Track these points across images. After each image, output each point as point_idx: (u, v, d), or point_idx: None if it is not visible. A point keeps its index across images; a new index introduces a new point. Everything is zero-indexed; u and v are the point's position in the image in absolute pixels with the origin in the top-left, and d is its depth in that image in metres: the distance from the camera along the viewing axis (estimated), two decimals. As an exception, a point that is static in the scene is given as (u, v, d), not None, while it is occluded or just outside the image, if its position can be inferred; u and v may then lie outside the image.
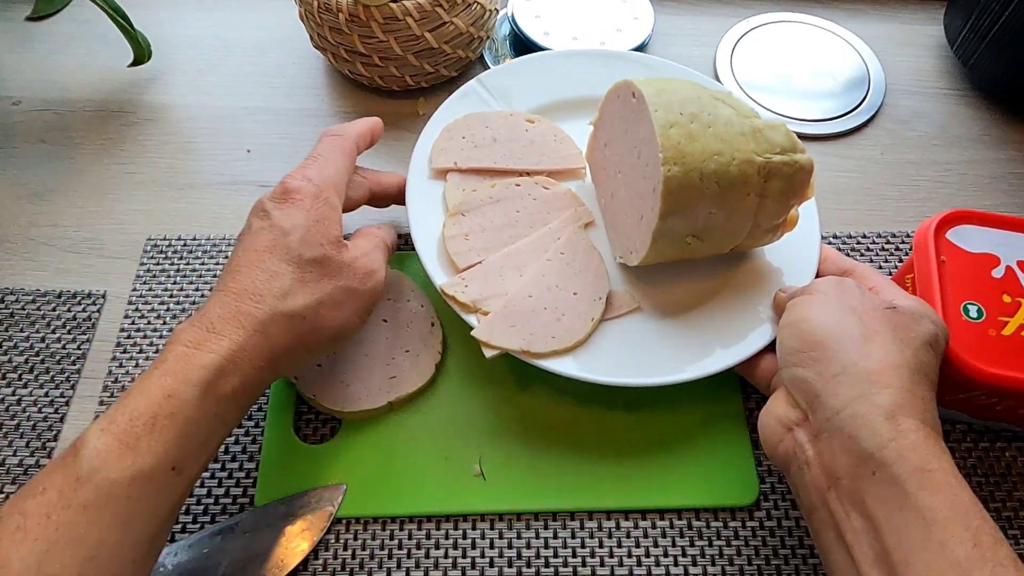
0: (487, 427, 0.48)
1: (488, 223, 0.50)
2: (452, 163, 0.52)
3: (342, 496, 0.45)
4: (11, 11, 0.70)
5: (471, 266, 0.48)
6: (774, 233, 0.48)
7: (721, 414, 0.49)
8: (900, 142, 0.64)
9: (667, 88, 0.44)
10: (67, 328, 0.52)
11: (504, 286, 0.47)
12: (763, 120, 0.45)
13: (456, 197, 0.51)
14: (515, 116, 0.55)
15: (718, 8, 0.73)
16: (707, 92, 0.45)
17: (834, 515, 0.35)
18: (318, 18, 0.59)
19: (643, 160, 0.44)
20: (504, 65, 0.57)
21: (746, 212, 0.45)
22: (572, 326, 0.46)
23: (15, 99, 0.64)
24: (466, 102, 0.55)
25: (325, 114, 0.64)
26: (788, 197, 0.45)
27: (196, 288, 0.54)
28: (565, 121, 0.56)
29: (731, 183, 0.43)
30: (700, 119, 0.43)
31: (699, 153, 0.42)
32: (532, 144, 0.54)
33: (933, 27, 0.72)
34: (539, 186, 0.52)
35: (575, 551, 0.45)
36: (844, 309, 0.39)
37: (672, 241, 0.45)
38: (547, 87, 0.57)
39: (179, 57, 0.67)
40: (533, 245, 0.49)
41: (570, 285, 0.48)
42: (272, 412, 0.48)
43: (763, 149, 0.44)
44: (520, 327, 0.45)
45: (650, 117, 0.43)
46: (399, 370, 0.49)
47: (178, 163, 0.61)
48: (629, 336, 0.48)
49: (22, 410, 0.49)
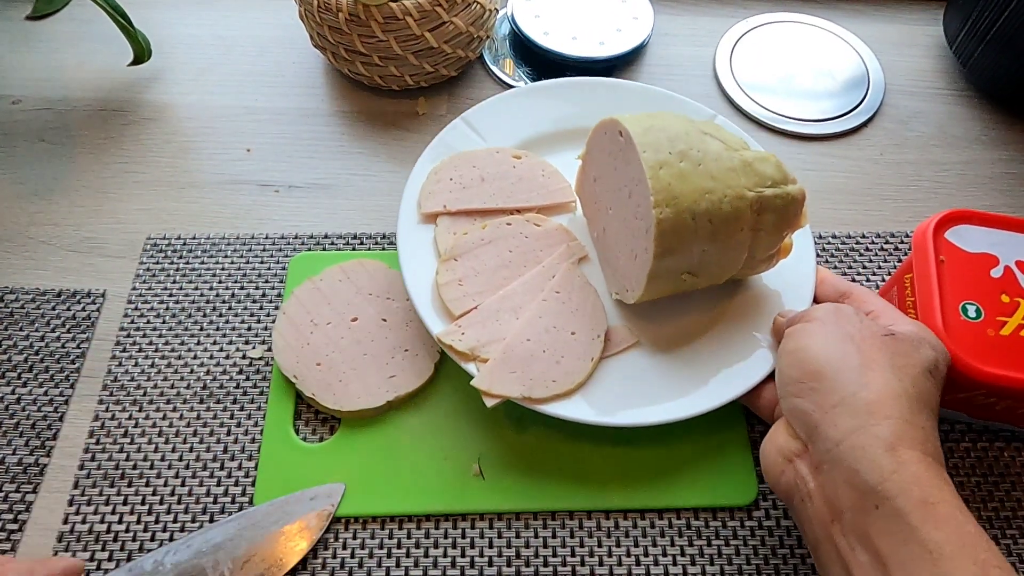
0: (486, 426, 0.48)
1: (481, 266, 0.49)
2: (441, 206, 0.51)
3: (341, 495, 0.45)
4: (11, 10, 0.70)
5: (466, 312, 0.47)
6: (769, 262, 0.47)
7: (720, 414, 0.49)
8: (899, 142, 0.64)
9: (654, 125, 0.44)
10: (67, 327, 0.52)
11: (501, 331, 0.46)
12: (752, 152, 0.45)
13: (447, 241, 0.49)
14: (502, 153, 0.54)
15: (718, 8, 0.73)
16: (695, 126, 0.44)
17: (839, 550, 0.35)
18: (318, 17, 0.59)
19: (634, 200, 0.44)
20: (487, 102, 0.56)
21: (740, 246, 0.44)
22: (572, 368, 0.45)
23: (15, 98, 0.64)
24: (451, 141, 0.54)
25: (325, 113, 0.64)
26: (781, 228, 0.45)
27: (196, 288, 0.54)
28: (552, 154, 0.55)
29: (724, 220, 0.42)
30: (689, 157, 0.42)
31: (690, 192, 0.41)
32: (520, 181, 0.53)
33: (932, 27, 0.72)
34: (530, 223, 0.51)
35: (574, 550, 0.45)
36: (842, 337, 0.39)
37: (668, 278, 0.44)
38: (530, 121, 0.56)
39: (179, 56, 0.67)
40: (528, 285, 0.48)
41: (567, 325, 0.47)
42: (271, 411, 0.48)
43: (754, 183, 0.43)
44: (520, 373, 0.45)
45: (639, 158, 0.42)
46: (398, 369, 0.49)
47: (178, 162, 0.61)
48: (630, 372, 0.47)
49: (21, 409, 0.49)
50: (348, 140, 0.63)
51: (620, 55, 0.66)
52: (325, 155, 0.62)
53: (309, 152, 0.62)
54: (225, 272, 0.55)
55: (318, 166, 0.61)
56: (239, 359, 0.51)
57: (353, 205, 0.59)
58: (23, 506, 0.46)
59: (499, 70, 0.67)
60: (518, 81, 0.66)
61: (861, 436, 0.35)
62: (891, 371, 0.37)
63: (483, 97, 0.65)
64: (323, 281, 0.52)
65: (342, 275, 0.52)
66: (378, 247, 0.56)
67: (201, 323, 0.52)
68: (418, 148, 0.62)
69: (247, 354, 0.51)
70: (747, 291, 0.50)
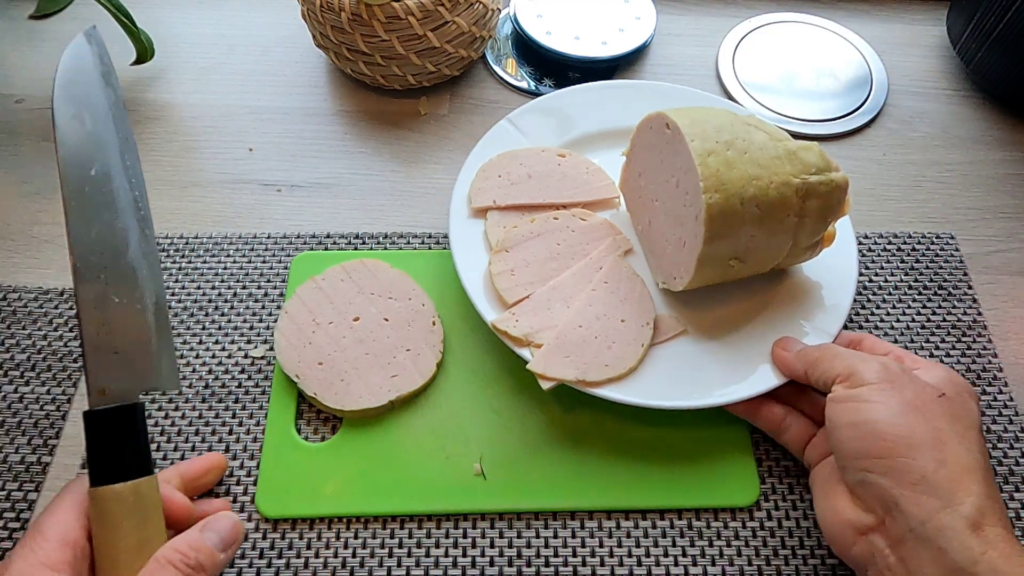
0: (487, 426, 0.48)
1: (531, 257, 0.50)
2: (491, 201, 0.53)
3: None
4: (14, 9, 0.70)
5: (519, 301, 0.48)
6: (813, 250, 0.49)
7: (722, 414, 0.49)
8: (902, 142, 0.64)
9: (700, 117, 0.45)
10: (69, 326, 0.52)
11: (553, 318, 0.48)
12: (795, 142, 0.46)
13: (497, 234, 0.52)
14: (547, 152, 0.56)
15: (720, 8, 0.73)
16: (738, 118, 0.46)
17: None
18: (320, 17, 0.59)
19: (682, 189, 0.45)
20: (531, 104, 0.58)
21: (786, 232, 0.46)
22: (623, 353, 0.47)
23: (18, 97, 0.64)
24: (498, 141, 0.56)
25: (327, 112, 0.64)
26: (826, 215, 0.46)
27: (198, 287, 0.54)
28: (595, 152, 0.57)
29: (771, 205, 0.44)
30: (735, 146, 0.44)
31: (738, 179, 0.43)
32: (565, 178, 0.55)
33: (936, 27, 0.72)
34: (576, 218, 0.53)
35: (575, 550, 0.45)
36: (906, 407, 0.38)
37: (715, 265, 0.46)
38: (574, 122, 0.59)
39: (182, 56, 0.67)
40: (576, 276, 0.50)
41: (617, 313, 0.48)
42: (273, 411, 0.48)
43: (799, 170, 0.45)
44: (574, 358, 0.46)
45: (687, 147, 0.43)
46: (400, 369, 0.49)
47: (180, 161, 0.61)
48: (679, 359, 0.48)
49: (24, 407, 0.49)
50: (350, 140, 0.63)
51: (623, 55, 0.66)
52: (327, 155, 0.62)
53: (311, 152, 0.62)
54: (227, 271, 0.55)
55: (320, 165, 0.61)
56: (241, 358, 0.51)
57: (355, 204, 0.59)
58: (25, 504, 0.46)
59: (501, 70, 0.67)
60: (520, 81, 0.66)
61: (947, 516, 0.35)
62: (958, 441, 0.37)
63: (485, 97, 0.66)
64: (325, 280, 0.52)
65: (344, 274, 0.52)
66: (380, 246, 0.56)
67: (203, 322, 0.52)
68: (420, 148, 0.62)
69: (249, 353, 0.51)
70: (790, 281, 0.52)
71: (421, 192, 0.60)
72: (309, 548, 0.45)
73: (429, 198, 0.59)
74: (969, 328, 0.54)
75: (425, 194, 0.60)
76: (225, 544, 0.37)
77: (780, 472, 0.48)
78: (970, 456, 0.37)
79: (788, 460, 0.48)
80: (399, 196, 0.60)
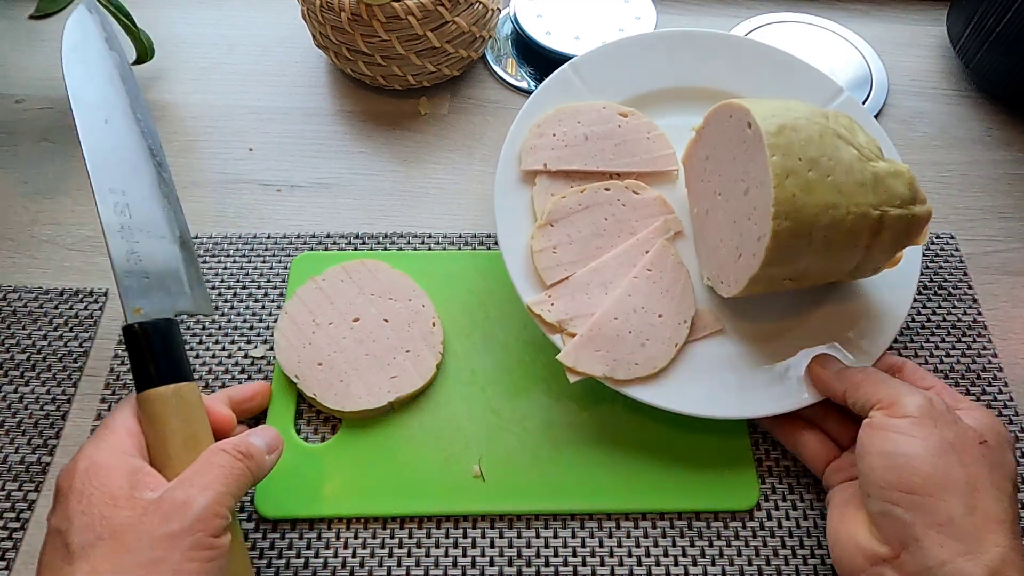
0: (487, 427, 0.48)
1: (576, 233, 0.48)
2: (541, 164, 0.50)
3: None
4: (14, 9, 0.70)
5: (558, 283, 0.47)
6: (874, 272, 0.46)
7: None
8: (902, 143, 0.64)
9: (787, 124, 0.41)
10: (69, 326, 0.52)
11: (590, 304, 0.46)
12: (886, 164, 0.42)
13: (544, 203, 0.49)
14: (608, 108, 0.52)
15: (720, 8, 0.73)
16: (829, 128, 0.42)
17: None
18: (320, 17, 0.59)
19: (751, 201, 0.42)
20: (599, 49, 0.53)
21: (850, 260, 0.43)
22: (656, 352, 0.45)
23: (18, 97, 0.64)
24: (558, 90, 0.52)
25: (327, 112, 0.64)
26: (896, 247, 0.43)
27: (198, 287, 0.54)
28: (661, 115, 0.53)
29: (841, 237, 0.41)
30: (820, 166, 0.40)
31: (814, 206, 0.40)
32: (624, 143, 0.51)
33: (936, 28, 0.72)
34: (629, 191, 0.50)
35: (575, 551, 0.45)
36: (944, 448, 0.38)
37: (768, 283, 0.43)
38: (645, 75, 0.54)
39: (182, 55, 0.67)
40: (620, 259, 0.48)
41: (655, 307, 0.46)
42: (272, 411, 0.48)
43: (881, 201, 0.41)
44: (605, 353, 0.45)
45: (766, 161, 0.40)
46: (400, 370, 0.49)
47: (180, 161, 0.61)
48: (711, 361, 0.46)
49: (24, 407, 0.49)
50: (350, 140, 0.63)
51: (623, 55, 0.66)
52: (327, 155, 0.62)
53: (311, 152, 0.62)
54: (227, 271, 0.55)
55: (320, 166, 0.61)
56: (241, 358, 0.51)
57: (355, 205, 0.59)
58: (25, 504, 0.46)
59: (501, 70, 0.67)
60: (520, 81, 0.66)
61: (968, 563, 0.35)
62: (993, 491, 0.37)
63: (486, 97, 0.66)
64: (325, 281, 0.52)
65: (344, 275, 0.52)
66: (380, 247, 0.56)
67: (203, 322, 0.52)
68: (420, 148, 0.62)
69: (249, 353, 0.51)
70: (841, 291, 0.49)
71: (421, 192, 0.60)
72: (309, 548, 0.45)
73: (429, 198, 0.59)
74: (969, 328, 0.54)
75: (425, 194, 0.60)
76: (270, 447, 0.40)
77: (780, 472, 0.48)
78: (1000, 507, 0.37)
79: (788, 460, 0.48)
80: (399, 196, 0.60)
